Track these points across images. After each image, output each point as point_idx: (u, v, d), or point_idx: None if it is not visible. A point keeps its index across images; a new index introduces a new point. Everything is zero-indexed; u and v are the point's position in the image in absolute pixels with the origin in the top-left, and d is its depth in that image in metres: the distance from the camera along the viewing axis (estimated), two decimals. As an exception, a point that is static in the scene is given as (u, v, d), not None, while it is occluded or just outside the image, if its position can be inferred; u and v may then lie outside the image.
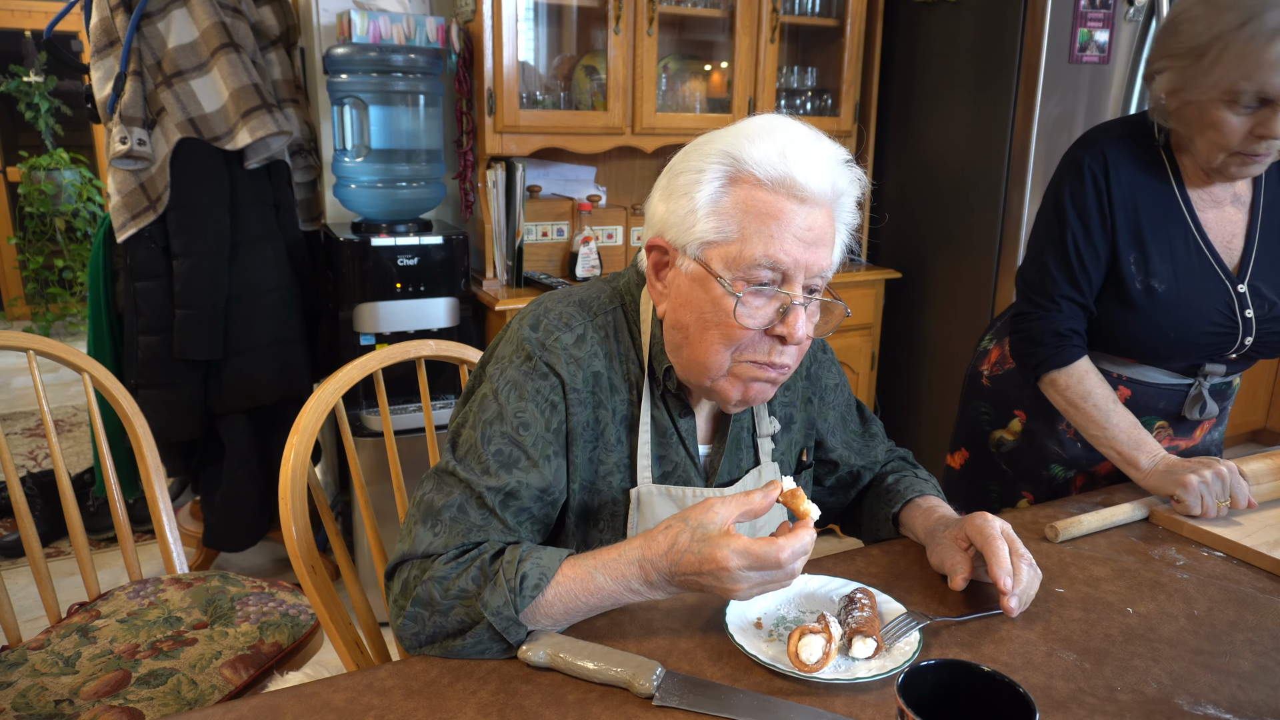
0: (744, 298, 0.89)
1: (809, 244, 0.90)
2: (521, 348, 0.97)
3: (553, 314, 1.00)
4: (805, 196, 0.89)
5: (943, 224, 2.76)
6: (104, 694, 1.25)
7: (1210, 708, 0.83)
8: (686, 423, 1.04)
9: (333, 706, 0.81)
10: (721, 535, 0.83)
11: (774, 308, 0.91)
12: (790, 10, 2.73)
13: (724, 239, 0.90)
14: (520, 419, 0.95)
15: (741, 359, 0.93)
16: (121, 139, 2.13)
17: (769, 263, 0.89)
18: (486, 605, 0.85)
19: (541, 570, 0.87)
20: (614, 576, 0.87)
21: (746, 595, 0.85)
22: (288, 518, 1.12)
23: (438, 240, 2.28)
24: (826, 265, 0.93)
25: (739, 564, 0.82)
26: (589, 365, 0.98)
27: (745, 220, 0.89)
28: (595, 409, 0.98)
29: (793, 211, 0.89)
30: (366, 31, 2.26)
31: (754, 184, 0.89)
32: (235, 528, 2.44)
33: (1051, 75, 2.39)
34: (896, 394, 3.03)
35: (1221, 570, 1.10)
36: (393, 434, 1.36)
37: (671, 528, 0.86)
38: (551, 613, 0.88)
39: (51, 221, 5.24)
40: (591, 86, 2.59)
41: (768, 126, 0.91)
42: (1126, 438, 1.28)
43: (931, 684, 0.68)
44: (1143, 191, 1.31)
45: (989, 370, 1.54)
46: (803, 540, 0.83)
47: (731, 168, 0.90)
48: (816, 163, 0.90)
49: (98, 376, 1.48)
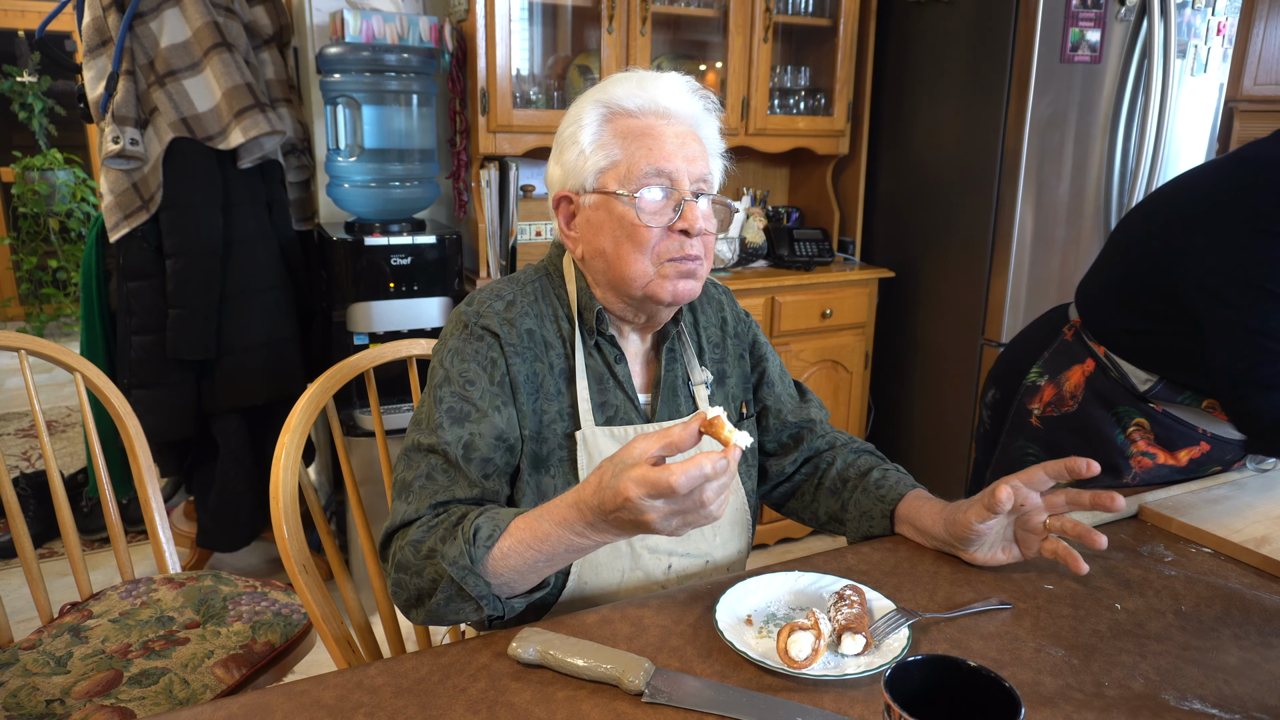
0: (640, 201, 1.02)
1: (684, 151, 1.03)
2: (459, 320, 1.08)
3: (485, 291, 1.11)
4: (669, 114, 1.04)
5: (936, 223, 2.77)
6: (95, 693, 1.25)
7: (1197, 702, 0.83)
8: (622, 368, 1.11)
9: (322, 704, 0.81)
10: (629, 468, 0.81)
11: (670, 207, 1.03)
12: (783, 10, 2.74)
13: (612, 163, 1.03)
14: (465, 377, 1.04)
15: (660, 261, 1.04)
16: (114, 138, 2.12)
17: (654, 169, 1.02)
18: (444, 556, 0.91)
19: (495, 523, 0.91)
20: (557, 521, 0.88)
21: (667, 528, 0.83)
22: (279, 517, 1.12)
23: (431, 240, 2.28)
24: (705, 171, 1.06)
25: (638, 493, 0.79)
26: (521, 324, 1.07)
27: (625, 143, 1.03)
28: (533, 362, 1.07)
29: (662, 127, 1.03)
30: (359, 31, 2.26)
31: (625, 115, 1.04)
32: (229, 528, 2.44)
33: (1043, 75, 2.40)
34: (890, 393, 3.04)
35: (1209, 566, 1.11)
36: (384, 433, 1.36)
37: (601, 468, 0.86)
38: (509, 564, 0.90)
39: (45, 222, 5.22)
40: (585, 86, 2.58)
41: (625, 73, 1.07)
42: None
43: (918, 680, 0.68)
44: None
45: (1040, 410, 1.46)
46: (701, 466, 0.78)
47: (604, 107, 1.05)
48: (670, 86, 1.05)
49: (90, 376, 1.48)
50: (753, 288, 2.62)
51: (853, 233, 3.01)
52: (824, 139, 2.87)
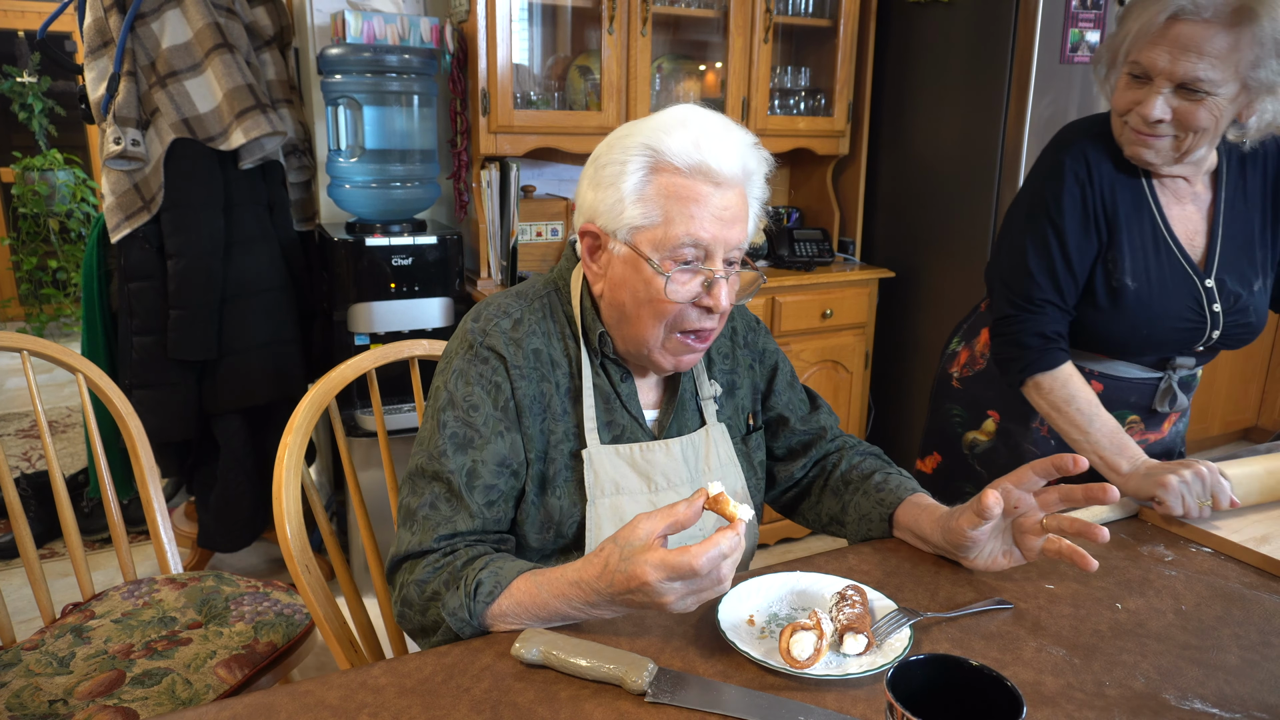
0: (672, 275, 0.99)
1: (726, 222, 1.00)
2: (465, 339, 1.07)
3: (492, 306, 1.09)
4: (720, 180, 0.99)
5: (936, 223, 2.77)
6: (98, 694, 1.25)
7: (1197, 702, 0.84)
8: (627, 387, 1.10)
9: (326, 704, 0.81)
10: (643, 550, 0.83)
11: (698, 282, 1.01)
12: (784, 10, 2.74)
13: (650, 224, 0.99)
14: (469, 402, 1.03)
15: (673, 331, 1.03)
16: (115, 139, 2.13)
17: (691, 241, 0.98)
18: (444, 606, 0.93)
19: (497, 579, 0.92)
20: (555, 595, 0.90)
21: (682, 607, 0.85)
22: (281, 516, 1.13)
23: (432, 240, 2.28)
24: (742, 239, 1.03)
25: (657, 576, 0.82)
26: (528, 344, 1.06)
27: (668, 205, 0.98)
28: (539, 382, 1.06)
29: (709, 194, 0.99)
30: (360, 32, 2.27)
31: (673, 172, 0.98)
32: (230, 528, 2.44)
33: (1043, 75, 2.40)
34: (890, 393, 3.04)
35: (1209, 566, 1.11)
36: (386, 434, 1.36)
37: (604, 549, 0.87)
38: (507, 623, 0.92)
39: (45, 222, 5.22)
40: (585, 87, 2.59)
41: (683, 119, 1.00)
42: (1109, 442, 1.28)
43: (921, 679, 0.69)
44: (1119, 189, 1.32)
45: (959, 372, 1.54)
46: (719, 545, 0.81)
47: (652, 158, 0.99)
48: (727, 149, 0.99)
49: (92, 377, 1.48)
50: (753, 288, 2.62)
51: (853, 233, 3.01)
52: (824, 139, 2.87)
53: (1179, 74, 1.17)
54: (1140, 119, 1.22)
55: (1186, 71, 1.16)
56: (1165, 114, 1.20)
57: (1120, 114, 1.27)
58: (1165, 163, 1.28)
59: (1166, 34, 1.17)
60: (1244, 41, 1.15)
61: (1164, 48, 1.17)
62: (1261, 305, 1.37)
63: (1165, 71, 1.18)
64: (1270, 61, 1.16)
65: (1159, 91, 1.19)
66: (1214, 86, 1.17)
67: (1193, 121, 1.20)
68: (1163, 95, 1.19)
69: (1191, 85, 1.17)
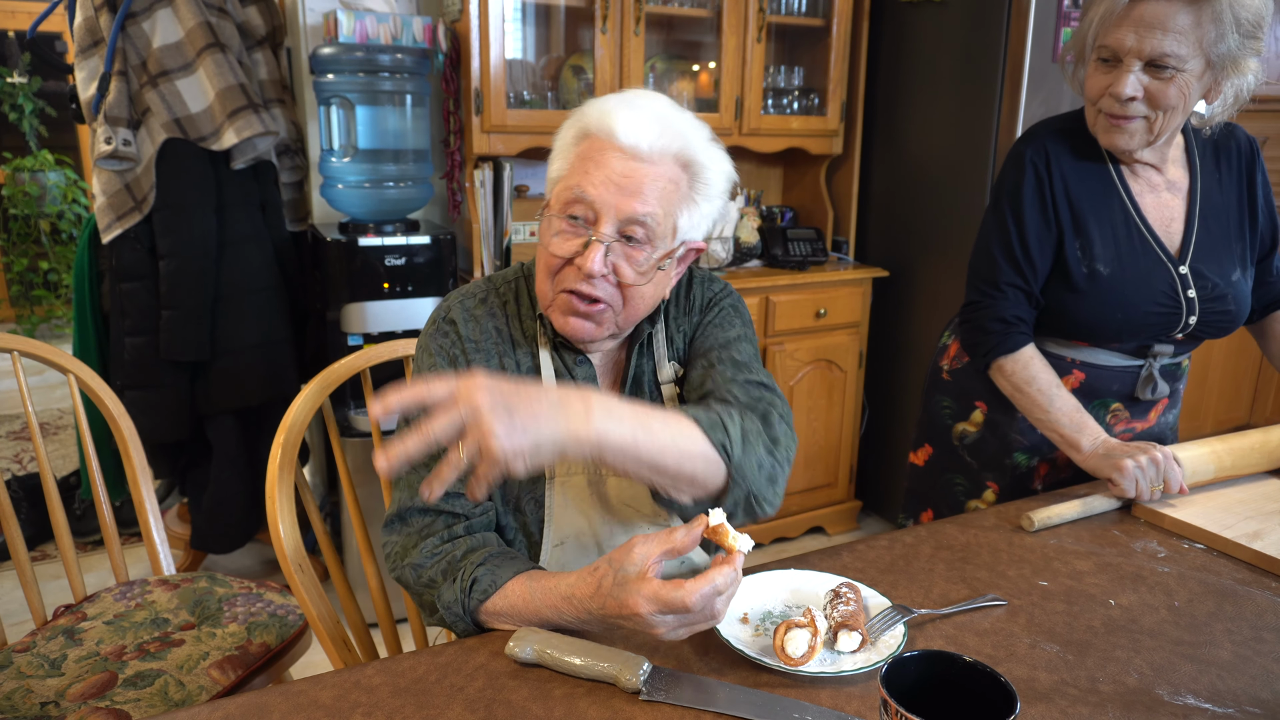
0: (554, 222, 1.02)
1: (623, 189, 0.98)
2: (433, 316, 1.11)
3: (465, 287, 1.13)
4: (623, 146, 0.99)
5: (929, 222, 2.78)
6: (90, 695, 1.25)
7: (1190, 697, 0.84)
8: (584, 369, 1.10)
9: (320, 704, 0.81)
10: (637, 579, 0.83)
11: (580, 241, 1.00)
12: (777, 10, 2.74)
13: (559, 175, 1.04)
14: (431, 367, 1.07)
15: (559, 289, 1.03)
16: (106, 139, 2.12)
17: (579, 194, 0.99)
18: (440, 598, 0.95)
19: (493, 579, 0.94)
20: (549, 605, 0.90)
21: (673, 637, 0.85)
22: (275, 516, 1.12)
23: (425, 240, 2.27)
24: (644, 213, 0.99)
25: (649, 609, 0.81)
26: (489, 321, 1.09)
27: (575, 160, 1.02)
28: (500, 358, 1.08)
29: (613, 159, 0.99)
30: (353, 31, 2.26)
31: (591, 136, 1.02)
32: (222, 530, 2.43)
33: (1036, 74, 2.41)
34: (884, 392, 3.04)
35: (1202, 562, 1.11)
36: (380, 434, 1.36)
37: (598, 569, 0.87)
38: (500, 622, 0.94)
39: (36, 223, 5.20)
40: (579, 86, 2.59)
41: (621, 95, 1.03)
42: (1069, 421, 1.33)
43: (915, 675, 0.69)
44: (1084, 180, 1.37)
45: (949, 365, 1.57)
46: (714, 582, 0.81)
47: (579, 123, 1.03)
48: (641, 121, 0.99)
49: (84, 378, 1.47)
50: (747, 287, 2.62)
51: (846, 232, 3.01)
52: (817, 139, 2.87)
53: (1146, 51, 1.21)
54: (1113, 100, 1.26)
55: (1154, 48, 1.21)
56: (1138, 91, 1.24)
57: (1094, 101, 1.31)
58: (1139, 147, 1.32)
59: (1130, 14, 1.22)
60: (1204, 18, 1.20)
61: (1129, 28, 1.22)
62: (1241, 295, 1.40)
63: (1134, 50, 1.22)
64: (1230, 35, 1.21)
65: (1129, 70, 1.24)
66: (1181, 62, 1.21)
67: (1163, 99, 1.24)
68: (1133, 73, 1.24)
69: (1160, 62, 1.22)
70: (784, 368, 2.75)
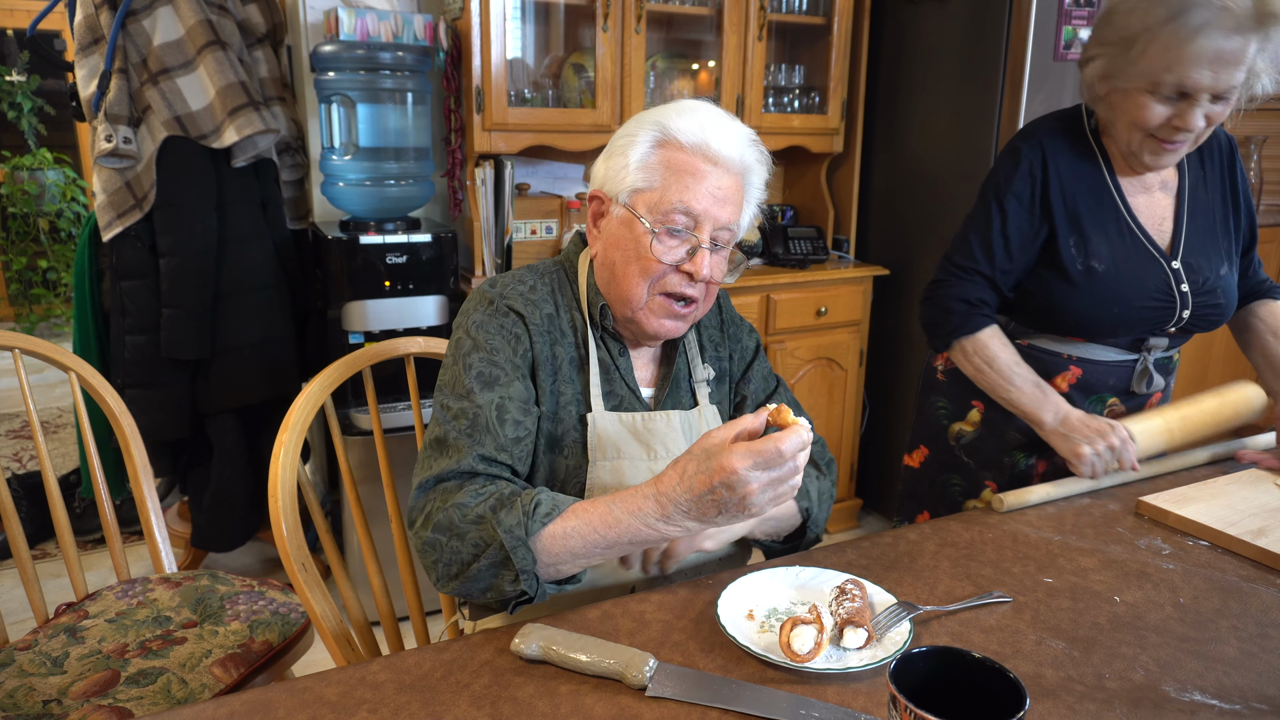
0: (659, 235, 1.06)
1: (718, 200, 1.07)
2: (483, 298, 1.12)
3: (506, 276, 1.16)
4: (717, 161, 1.07)
5: (930, 221, 2.77)
6: (93, 694, 1.25)
7: (1196, 694, 0.84)
8: (624, 361, 1.16)
9: (325, 700, 0.81)
10: (723, 446, 0.87)
11: (684, 249, 1.08)
12: (778, 8, 2.74)
13: (648, 187, 1.07)
14: (492, 345, 1.08)
15: (656, 292, 1.09)
16: (107, 137, 2.11)
17: (683, 208, 1.06)
18: (501, 523, 0.92)
19: (554, 502, 0.95)
20: (630, 510, 0.91)
21: (760, 503, 0.88)
22: (278, 514, 1.12)
23: (426, 238, 2.27)
24: (732, 221, 1.09)
25: (745, 464, 0.85)
26: (542, 308, 1.12)
27: (666, 174, 1.06)
28: (552, 345, 1.12)
29: (707, 171, 1.07)
30: (354, 29, 2.26)
31: (677, 147, 1.07)
32: (223, 528, 2.43)
33: (1037, 73, 2.41)
34: (885, 390, 3.04)
35: (1207, 559, 1.11)
36: (382, 432, 1.36)
37: (678, 463, 0.91)
38: (568, 545, 0.92)
39: (35, 222, 5.19)
40: (580, 84, 2.59)
41: (693, 106, 1.10)
42: (1030, 397, 1.36)
43: (923, 671, 0.69)
44: (1079, 180, 1.38)
45: (943, 365, 1.57)
46: (800, 435, 0.87)
47: (660, 133, 1.08)
48: (728, 136, 1.08)
49: (85, 376, 1.47)
50: (747, 286, 2.62)
51: (847, 231, 3.01)
52: (818, 137, 2.87)
53: (1221, 87, 1.20)
54: (1172, 130, 1.26)
55: (1228, 83, 1.20)
56: (1204, 122, 1.24)
57: (1149, 129, 1.27)
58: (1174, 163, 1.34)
59: (1202, 51, 1.17)
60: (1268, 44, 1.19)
61: (1205, 66, 1.18)
62: (1230, 288, 1.42)
63: (1209, 88, 1.20)
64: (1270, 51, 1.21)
65: (1198, 104, 1.22)
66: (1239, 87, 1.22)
67: (1217, 120, 1.25)
68: (1202, 107, 1.23)
69: (1227, 95, 1.22)
70: (785, 366, 2.75)
